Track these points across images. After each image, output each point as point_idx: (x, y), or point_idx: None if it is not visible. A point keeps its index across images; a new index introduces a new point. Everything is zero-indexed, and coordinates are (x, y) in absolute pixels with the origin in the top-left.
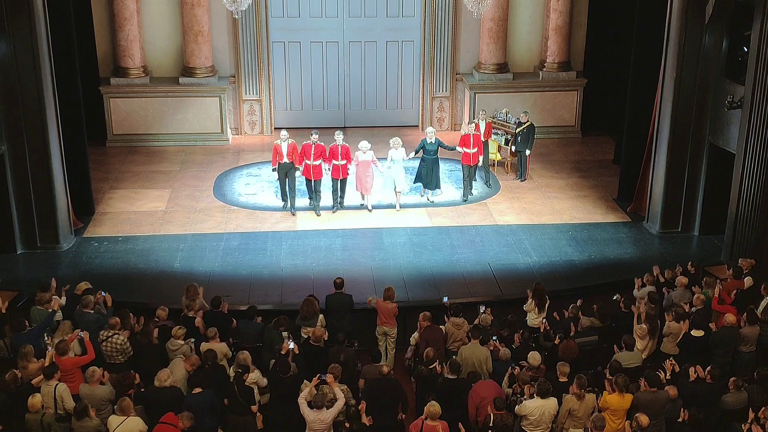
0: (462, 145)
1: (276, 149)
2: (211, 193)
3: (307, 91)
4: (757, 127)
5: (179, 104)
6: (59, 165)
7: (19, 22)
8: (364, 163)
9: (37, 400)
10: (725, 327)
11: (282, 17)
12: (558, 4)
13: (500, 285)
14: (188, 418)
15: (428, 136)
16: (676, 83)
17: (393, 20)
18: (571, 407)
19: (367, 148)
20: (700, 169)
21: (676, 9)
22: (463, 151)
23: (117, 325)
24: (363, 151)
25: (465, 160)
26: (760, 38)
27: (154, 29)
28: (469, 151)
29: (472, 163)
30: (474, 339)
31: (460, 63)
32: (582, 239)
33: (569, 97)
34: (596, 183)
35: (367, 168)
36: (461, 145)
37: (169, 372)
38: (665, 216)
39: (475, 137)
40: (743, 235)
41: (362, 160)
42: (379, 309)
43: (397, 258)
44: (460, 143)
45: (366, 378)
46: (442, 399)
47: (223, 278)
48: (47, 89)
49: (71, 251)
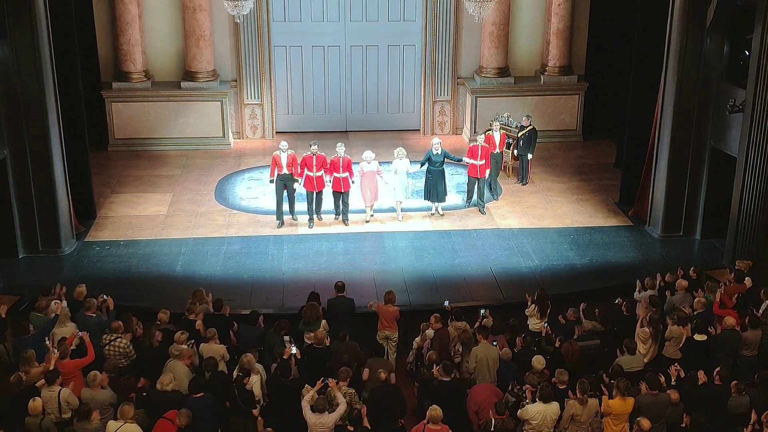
0: (469, 156)
1: (275, 160)
2: (213, 197)
3: (309, 95)
4: (758, 131)
5: (181, 108)
6: (61, 169)
7: (21, 26)
8: (368, 173)
9: (38, 404)
10: (726, 330)
11: (283, 21)
12: (559, 8)
13: (502, 289)
14: (185, 416)
15: (434, 147)
16: (678, 87)
17: (394, 24)
18: (574, 412)
19: (372, 158)
20: (701, 172)
21: (677, 13)
22: (470, 162)
23: (120, 328)
24: (367, 161)
25: (472, 173)
26: (761, 42)
27: (156, 33)
28: (476, 162)
29: (479, 176)
30: (483, 339)
31: (461, 67)
32: (583, 243)
33: (570, 101)
34: (598, 187)
35: (372, 179)
36: (468, 157)
37: (171, 377)
38: (667, 220)
39: (483, 148)
40: (745, 238)
41: (367, 170)
42: (381, 313)
43: (399, 262)
44: (467, 154)
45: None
46: (439, 402)
47: (224, 282)
48: (49, 93)
49: (73, 255)
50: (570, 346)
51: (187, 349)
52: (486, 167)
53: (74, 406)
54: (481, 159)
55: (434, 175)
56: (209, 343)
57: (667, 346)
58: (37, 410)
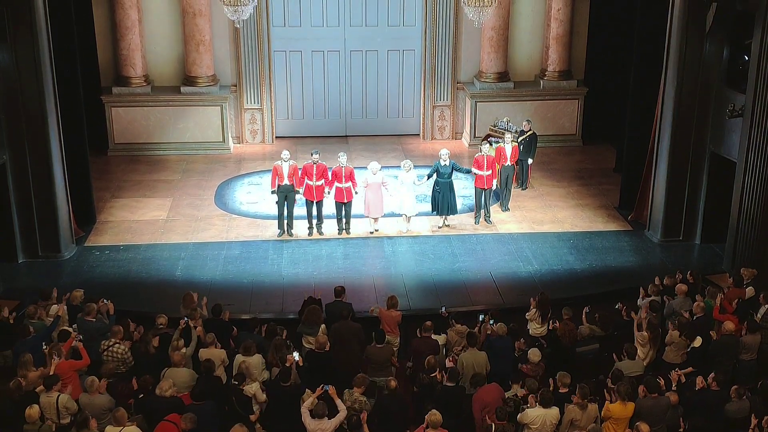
0: (475, 167)
1: (276, 170)
2: (213, 201)
3: (309, 100)
4: (757, 136)
5: (181, 113)
6: (61, 174)
7: (21, 31)
8: (373, 185)
9: (35, 411)
10: (725, 335)
11: (283, 26)
12: (558, 13)
13: (502, 293)
14: (190, 421)
15: (442, 158)
16: (677, 91)
17: (394, 29)
18: (574, 417)
19: (377, 169)
20: (701, 177)
21: (677, 18)
22: (477, 173)
23: (119, 333)
24: (373, 172)
25: (479, 183)
26: (760, 47)
27: (156, 38)
28: (482, 173)
29: (486, 186)
30: (471, 346)
31: (461, 72)
32: (583, 248)
33: (570, 105)
34: (597, 191)
35: (377, 191)
36: (474, 167)
37: (171, 382)
38: (666, 224)
39: (488, 158)
40: (744, 243)
41: (372, 182)
42: (383, 318)
43: (399, 266)
44: (473, 165)
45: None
46: (441, 407)
47: (224, 287)
48: (49, 98)
49: (72, 260)
50: (566, 326)
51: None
52: (492, 177)
53: (73, 411)
54: (487, 169)
55: (443, 187)
56: (209, 348)
57: (667, 351)
58: (33, 418)
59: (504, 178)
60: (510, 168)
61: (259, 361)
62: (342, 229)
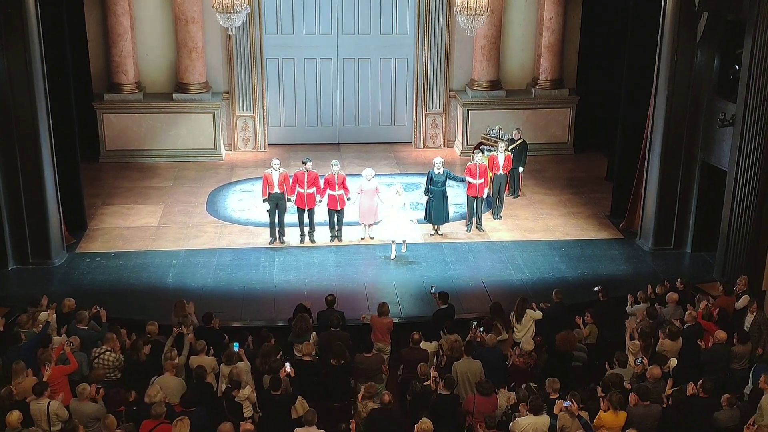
0: (467, 176)
1: (266, 179)
2: (204, 208)
3: (301, 107)
4: (748, 145)
5: (173, 120)
6: (51, 180)
7: (12, 38)
8: (368, 192)
9: (14, 417)
10: (717, 344)
11: (276, 34)
12: (550, 22)
13: (493, 301)
14: (185, 425)
15: (435, 166)
16: (668, 101)
17: (386, 37)
18: (564, 425)
19: (371, 175)
20: (692, 186)
21: (668, 27)
22: (469, 182)
23: (112, 341)
24: (367, 178)
25: (470, 192)
26: (751, 56)
27: (148, 45)
28: (474, 182)
29: (478, 195)
30: (466, 355)
31: (453, 80)
32: (574, 256)
33: (562, 114)
34: (589, 200)
35: (371, 198)
36: (466, 176)
37: (158, 388)
38: (657, 233)
39: (480, 167)
40: (735, 252)
41: (366, 188)
42: (374, 325)
43: (390, 274)
44: (465, 173)
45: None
46: (435, 415)
47: (215, 294)
48: (40, 105)
49: (63, 267)
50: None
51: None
52: (484, 185)
53: (63, 418)
54: (479, 178)
55: (435, 195)
56: (200, 356)
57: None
58: (13, 424)
59: (496, 186)
60: (502, 177)
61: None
62: (334, 237)
